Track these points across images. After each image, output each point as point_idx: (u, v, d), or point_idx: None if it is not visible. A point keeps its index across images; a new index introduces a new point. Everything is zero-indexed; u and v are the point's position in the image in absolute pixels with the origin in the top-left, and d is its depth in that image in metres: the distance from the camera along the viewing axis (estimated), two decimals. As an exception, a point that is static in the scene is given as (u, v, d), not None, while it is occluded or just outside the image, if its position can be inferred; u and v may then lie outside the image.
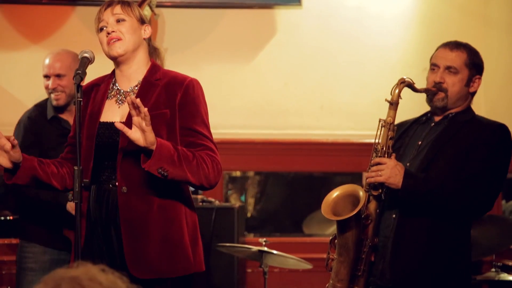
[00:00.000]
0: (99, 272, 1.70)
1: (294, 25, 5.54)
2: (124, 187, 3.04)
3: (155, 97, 3.08)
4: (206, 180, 3.03)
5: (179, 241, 3.07)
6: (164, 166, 2.94)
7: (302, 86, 5.55)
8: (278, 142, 5.51)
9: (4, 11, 5.36)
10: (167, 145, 2.97)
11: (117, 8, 3.12)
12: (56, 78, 4.32)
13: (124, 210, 3.04)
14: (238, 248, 4.56)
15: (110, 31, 3.09)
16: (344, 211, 3.33)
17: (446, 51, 3.52)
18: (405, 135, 3.58)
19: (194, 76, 3.19)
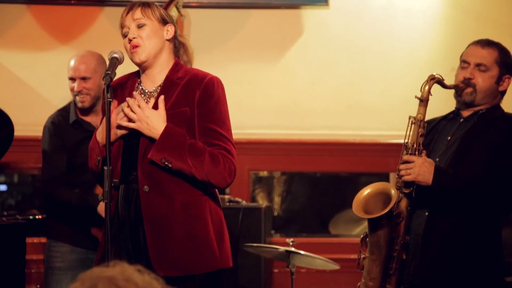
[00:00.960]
0: (135, 272, 1.71)
1: (321, 25, 5.53)
2: (145, 186, 3.05)
3: (176, 96, 3.10)
4: (213, 178, 3.04)
5: (204, 238, 3.08)
6: (167, 157, 2.98)
7: (329, 86, 5.54)
8: (305, 142, 5.50)
9: (33, 12, 5.40)
10: (175, 136, 3.01)
11: (137, 13, 3.13)
12: (81, 81, 4.35)
13: (147, 208, 3.05)
14: (265, 248, 4.56)
15: (131, 38, 3.11)
16: (375, 209, 3.32)
17: (477, 48, 3.50)
18: (433, 131, 3.57)
19: (220, 77, 3.20)
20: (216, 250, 3.09)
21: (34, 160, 5.23)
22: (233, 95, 5.42)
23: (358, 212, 3.34)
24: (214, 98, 3.10)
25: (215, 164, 3.03)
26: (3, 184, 6.05)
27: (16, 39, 5.37)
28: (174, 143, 3.00)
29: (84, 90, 4.35)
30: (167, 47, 3.17)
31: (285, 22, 5.52)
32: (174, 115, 3.07)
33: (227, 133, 3.13)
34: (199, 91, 3.09)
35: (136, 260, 3.03)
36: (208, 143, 3.07)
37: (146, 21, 3.12)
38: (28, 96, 5.37)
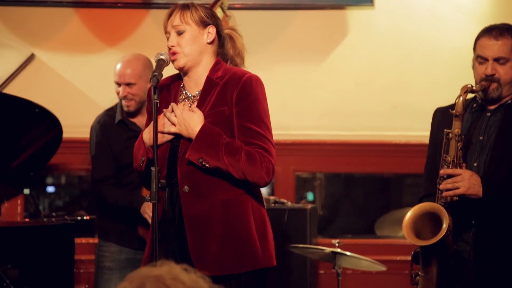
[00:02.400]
0: (182, 271, 1.72)
1: (366, 25, 5.51)
2: (185, 187, 3.07)
3: (215, 96, 3.11)
4: (250, 176, 3.04)
5: (245, 236, 3.08)
6: (204, 157, 3.00)
7: (374, 87, 5.51)
8: (350, 143, 5.48)
9: (80, 15, 5.47)
10: (212, 135, 3.03)
11: (177, 19, 3.13)
12: (126, 87, 4.38)
13: (187, 209, 3.07)
14: (311, 250, 4.55)
15: (170, 46, 3.13)
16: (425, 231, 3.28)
17: (491, 41, 3.42)
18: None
19: (265, 78, 3.20)
20: (258, 249, 3.09)
21: (81, 161, 5.29)
22: (278, 97, 5.44)
23: (411, 238, 3.28)
24: (251, 96, 3.10)
25: (252, 163, 3.03)
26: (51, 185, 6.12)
27: (64, 42, 5.45)
28: (210, 142, 3.02)
29: (129, 95, 4.39)
30: (208, 50, 3.17)
31: (330, 22, 5.50)
32: (213, 114, 3.08)
33: (265, 131, 3.11)
34: (236, 90, 3.09)
35: (182, 260, 3.04)
36: (246, 142, 3.07)
37: (185, 27, 3.12)
38: (75, 98, 5.43)
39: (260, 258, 3.09)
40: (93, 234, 5.12)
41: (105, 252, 4.45)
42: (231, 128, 3.09)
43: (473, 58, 3.50)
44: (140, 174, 3.19)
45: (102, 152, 4.45)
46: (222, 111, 3.09)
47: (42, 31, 5.46)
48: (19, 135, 4.37)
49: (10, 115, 4.25)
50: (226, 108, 3.09)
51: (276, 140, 5.33)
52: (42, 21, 5.45)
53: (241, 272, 3.08)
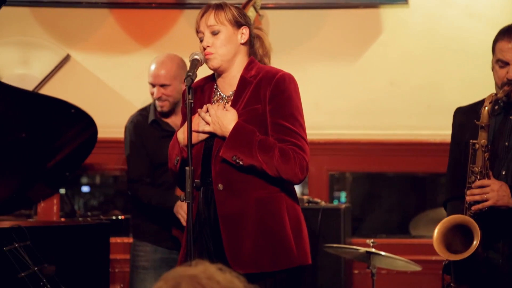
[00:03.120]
0: (217, 271, 1.73)
1: (400, 24, 5.47)
2: (220, 185, 3.08)
3: (249, 94, 3.11)
4: (284, 173, 3.04)
5: (280, 234, 3.07)
6: (237, 155, 3.00)
7: (408, 85, 5.48)
8: (384, 142, 5.45)
9: (115, 16, 5.51)
10: (245, 133, 3.03)
11: (211, 19, 3.12)
12: (160, 88, 4.40)
13: (221, 207, 3.07)
14: (345, 249, 4.54)
15: (205, 46, 3.13)
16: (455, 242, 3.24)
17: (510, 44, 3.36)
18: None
19: (298, 77, 3.19)
20: (293, 247, 3.08)
21: (115, 161, 5.33)
22: (311, 96, 5.43)
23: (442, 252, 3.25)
24: (285, 94, 3.10)
25: (285, 160, 3.03)
26: (86, 185, 6.17)
27: (99, 43, 5.49)
28: (243, 140, 3.03)
29: (164, 96, 4.41)
30: (242, 51, 3.17)
31: (363, 21, 5.48)
32: (247, 113, 3.09)
33: (298, 129, 3.10)
34: (270, 87, 3.09)
35: (217, 259, 3.05)
36: (280, 139, 3.07)
37: (220, 27, 3.12)
38: (110, 98, 5.47)
39: (295, 256, 3.09)
40: (128, 234, 5.15)
41: (140, 251, 4.48)
42: (264, 126, 3.09)
43: (493, 60, 3.45)
44: (175, 174, 3.20)
45: (136, 152, 4.48)
46: (256, 109, 3.09)
47: (77, 31, 5.50)
48: (55, 135, 4.41)
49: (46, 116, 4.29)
50: (260, 106, 3.09)
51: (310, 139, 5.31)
52: (77, 22, 5.49)
53: (276, 271, 3.08)
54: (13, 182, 4.38)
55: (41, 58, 5.43)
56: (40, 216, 4.87)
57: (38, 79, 5.40)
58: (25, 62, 5.42)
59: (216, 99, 3.20)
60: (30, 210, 5.17)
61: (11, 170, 4.31)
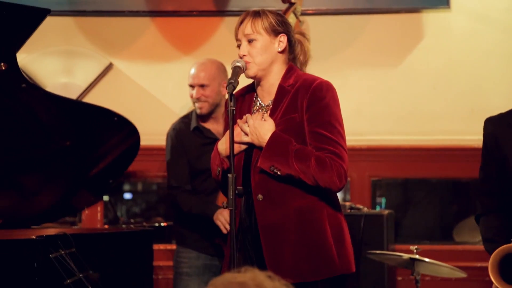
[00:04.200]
0: (266, 278, 1.72)
1: (442, 28, 5.44)
2: (259, 195, 3.07)
3: (287, 103, 3.11)
4: (322, 182, 3.03)
5: (320, 243, 3.06)
6: (275, 164, 3.00)
7: (451, 90, 5.43)
8: (427, 148, 5.41)
9: (157, 24, 5.55)
10: (282, 143, 3.03)
11: (248, 27, 3.12)
12: (199, 88, 4.42)
13: (261, 217, 3.07)
14: (388, 256, 4.50)
15: (241, 55, 3.13)
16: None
17: None
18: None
19: (340, 83, 3.18)
20: (334, 255, 3.07)
21: (158, 168, 5.35)
22: (352, 102, 5.41)
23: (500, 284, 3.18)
24: (322, 102, 3.08)
25: (322, 168, 3.02)
26: (129, 192, 6.21)
27: (141, 51, 5.54)
28: (280, 150, 3.03)
29: (203, 97, 4.43)
30: (279, 59, 3.17)
31: (405, 26, 5.45)
32: (284, 122, 3.09)
33: (336, 136, 3.08)
34: (307, 96, 3.08)
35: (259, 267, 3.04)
36: (317, 148, 3.06)
37: (256, 36, 3.11)
38: (152, 106, 5.51)
39: (336, 265, 3.08)
40: (170, 240, 5.17)
41: (183, 258, 4.49)
42: (302, 135, 3.09)
43: None
44: (218, 183, 3.22)
45: (177, 159, 4.50)
46: (293, 118, 3.09)
47: (120, 40, 5.55)
48: (98, 143, 4.45)
49: (90, 124, 4.33)
50: (297, 115, 3.09)
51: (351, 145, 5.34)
52: (119, 31, 5.54)
53: (318, 280, 3.07)
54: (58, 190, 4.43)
55: (84, 67, 5.49)
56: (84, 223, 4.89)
57: (82, 87, 5.46)
58: (69, 71, 5.48)
59: (256, 108, 3.20)
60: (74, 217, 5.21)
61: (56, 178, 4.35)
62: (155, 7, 5.53)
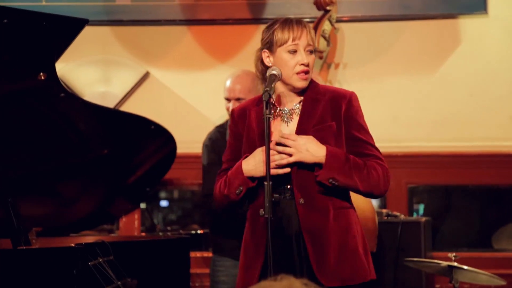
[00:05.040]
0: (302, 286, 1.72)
1: (479, 34, 5.40)
2: (301, 199, 3.08)
3: (321, 111, 3.12)
4: (376, 188, 3.10)
5: (355, 249, 3.11)
6: (335, 176, 3.03)
7: (489, 96, 5.39)
8: (464, 155, 5.37)
9: (193, 32, 5.58)
10: (338, 155, 3.06)
11: (309, 38, 3.12)
12: (236, 102, 4.43)
13: (305, 221, 3.08)
14: (426, 263, 4.46)
15: (306, 64, 3.11)
16: None
17: None
18: None
19: (375, 90, 3.21)
20: (365, 261, 3.13)
21: (194, 176, 5.38)
22: (389, 108, 5.40)
23: None
24: (359, 112, 3.17)
25: (377, 175, 3.09)
26: (165, 200, 6.24)
27: (177, 60, 5.57)
28: (340, 162, 3.05)
29: (239, 111, 4.43)
30: None
31: (441, 32, 5.42)
32: (322, 129, 3.11)
33: (373, 142, 3.18)
34: (344, 105, 3.13)
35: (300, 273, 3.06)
36: (359, 154, 3.12)
37: (313, 48, 3.15)
38: (188, 114, 5.53)
39: (367, 270, 3.14)
40: (207, 248, 5.18)
41: (219, 266, 4.50)
42: (339, 142, 3.12)
43: None
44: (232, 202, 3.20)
45: (213, 169, 4.51)
46: (331, 125, 3.12)
47: (156, 49, 5.60)
48: (135, 151, 4.48)
49: (127, 132, 4.37)
50: (334, 122, 3.12)
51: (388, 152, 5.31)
52: (156, 40, 5.59)
53: (355, 284, 3.11)
54: (96, 198, 4.47)
55: (121, 76, 5.54)
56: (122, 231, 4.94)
57: (119, 96, 5.51)
58: (106, 80, 5.53)
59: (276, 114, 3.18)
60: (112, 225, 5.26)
61: (94, 186, 4.39)
62: (191, 15, 5.56)
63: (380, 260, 4.75)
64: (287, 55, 3.12)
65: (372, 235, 4.49)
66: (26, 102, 3.89)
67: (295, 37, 3.11)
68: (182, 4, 5.56)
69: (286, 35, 3.12)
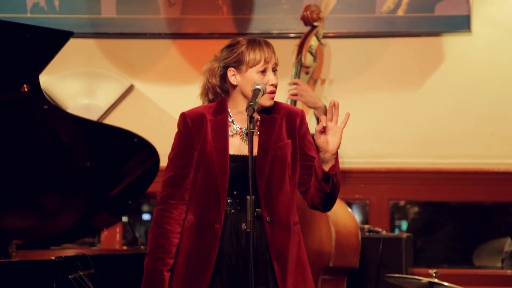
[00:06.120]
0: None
1: (463, 52, 5.43)
2: (268, 217, 3.10)
3: (278, 129, 3.16)
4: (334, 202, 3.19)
5: (305, 262, 3.17)
6: (338, 175, 3.07)
7: (471, 114, 5.42)
8: (446, 171, 5.40)
9: (178, 46, 5.59)
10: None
11: (276, 57, 3.18)
12: None
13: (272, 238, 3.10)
14: (407, 279, 4.48)
15: (276, 84, 3.15)
16: None
17: None
18: None
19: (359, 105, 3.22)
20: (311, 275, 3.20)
21: (176, 189, 5.35)
22: (372, 124, 5.42)
23: None
24: (308, 129, 3.23)
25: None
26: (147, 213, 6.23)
27: (162, 73, 5.58)
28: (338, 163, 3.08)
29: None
30: None
31: (425, 49, 5.46)
32: (282, 147, 3.14)
33: None
34: (298, 123, 3.19)
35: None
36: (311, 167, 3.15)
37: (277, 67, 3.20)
38: (172, 127, 5.49)
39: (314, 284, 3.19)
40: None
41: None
42: (295, 159, 3.16)
43: None
44: None
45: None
46: (287, 143, 3.15)
47: (141, 62, 5.60)
48: (118, 164, 4.48)
49: (110, 145, 4.37)
50: (290, 140, 3.16)
51: (370, 168, 5.34)
52: (141, 53, 5.59)
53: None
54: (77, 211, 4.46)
55: (105, 88, 5.54)
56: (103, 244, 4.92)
57: (103, 109, 5.50)
58: (90, 92, 5.53)
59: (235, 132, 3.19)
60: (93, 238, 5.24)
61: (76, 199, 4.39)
62: (176, 29, 5.57)
63: (362, 276, 4.77)
64: (258, 75, 3.15)
65: (355, 250, 4.51)
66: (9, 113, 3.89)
67: (267, 58, 3.15)
68: (168, 18, 5.58)
69: (258, 56, 3.14)
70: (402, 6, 5.44)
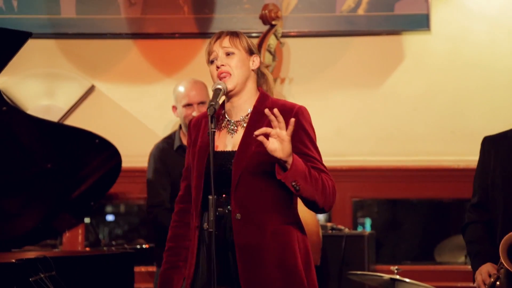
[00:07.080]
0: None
1: (422, 50, 5.49)
2: (238, 214, 3.06)
3: (267, 124, 3.06)
4: (327, 202, 3.05)
5: (293, 266, 3.08)
6: (298, 180, 2.97)
7: (432, 112, 5.48)
8: (408, 169, 5.44)
9: (139, 46, 5.57)
10: (300, 160, 3.00)
11: (226, 41, 3.15)
12: (199, 106, 4.45)
13: (239, 236, 3.06)
14: (369, 276, 4.51)
15: (220, 65, 3.14)
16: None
17: None
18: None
19: (321, 104, 3.20)
20: (304, 279, 3.08)
21: (140, 190, 5.35)
22: (333, 123, 5.45)
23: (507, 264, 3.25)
24: (306, 126, 3.14)
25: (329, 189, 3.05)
26: (111, 214, 6.21)
27: (123, 73, 5.55)
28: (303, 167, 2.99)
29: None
30: (252, 77, 3.20)
31: (386, 48, 5.50)
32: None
33: (320, 157, 3.14)
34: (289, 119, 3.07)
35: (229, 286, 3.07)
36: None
37: (234, 50, 3.15)
38: (134, 128, 5.51)
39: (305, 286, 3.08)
40: (152, 263, 5.16)
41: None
42: None
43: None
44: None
45: (159, 178, 4.50)
46: None
47: (102, 62, 5.57)
48: (80, 165, 4.45)
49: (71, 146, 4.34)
50: None
51: (333, 166, 5.36)
52: (101, 53, 5.56)
53: None
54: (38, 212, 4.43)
55: (66, 89, 5.50)
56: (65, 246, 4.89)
57: (63, 110, 5.46)
58: (50, 93, 5.48)
59: (224, 125, 3.19)
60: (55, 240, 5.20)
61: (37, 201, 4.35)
62: (137, 29, 5.55)
63: (324, 273, 4.79)
64: (211, 67, 3.18)
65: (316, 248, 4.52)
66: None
67: (210, 49, 3.17)
68: (128, 18, 5.55)
69: (207, 50, 3.19)
70: (362, 5, 5.48)
